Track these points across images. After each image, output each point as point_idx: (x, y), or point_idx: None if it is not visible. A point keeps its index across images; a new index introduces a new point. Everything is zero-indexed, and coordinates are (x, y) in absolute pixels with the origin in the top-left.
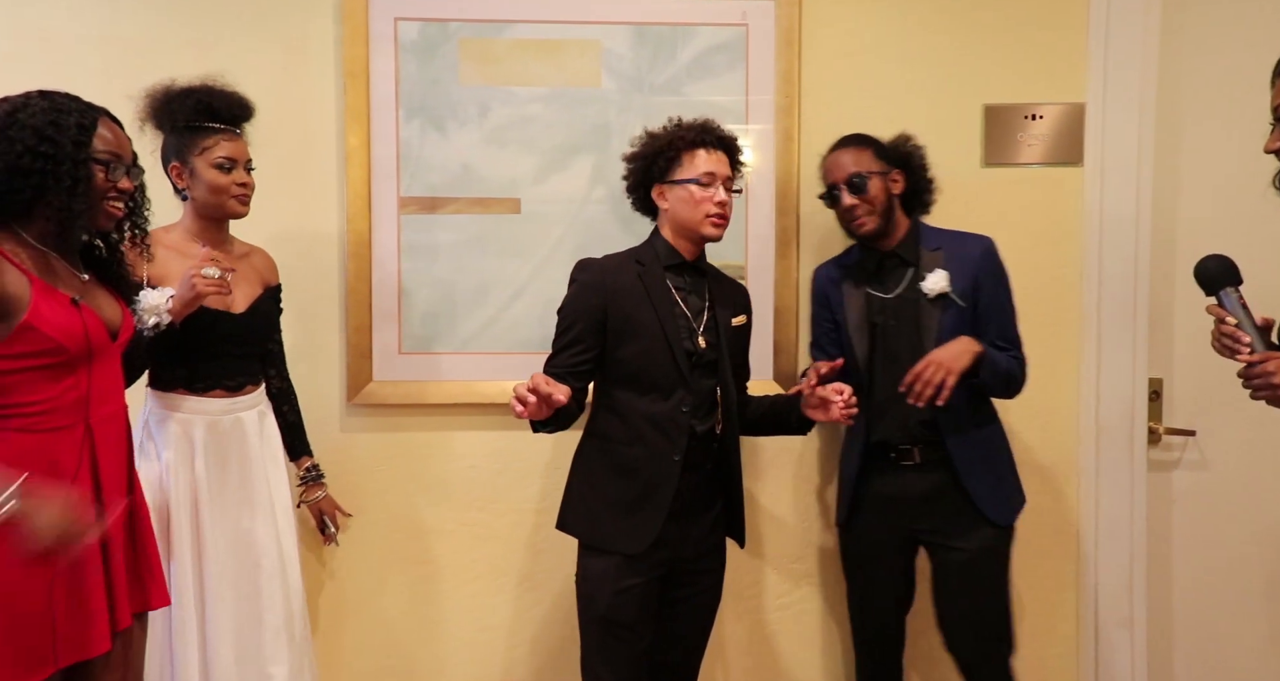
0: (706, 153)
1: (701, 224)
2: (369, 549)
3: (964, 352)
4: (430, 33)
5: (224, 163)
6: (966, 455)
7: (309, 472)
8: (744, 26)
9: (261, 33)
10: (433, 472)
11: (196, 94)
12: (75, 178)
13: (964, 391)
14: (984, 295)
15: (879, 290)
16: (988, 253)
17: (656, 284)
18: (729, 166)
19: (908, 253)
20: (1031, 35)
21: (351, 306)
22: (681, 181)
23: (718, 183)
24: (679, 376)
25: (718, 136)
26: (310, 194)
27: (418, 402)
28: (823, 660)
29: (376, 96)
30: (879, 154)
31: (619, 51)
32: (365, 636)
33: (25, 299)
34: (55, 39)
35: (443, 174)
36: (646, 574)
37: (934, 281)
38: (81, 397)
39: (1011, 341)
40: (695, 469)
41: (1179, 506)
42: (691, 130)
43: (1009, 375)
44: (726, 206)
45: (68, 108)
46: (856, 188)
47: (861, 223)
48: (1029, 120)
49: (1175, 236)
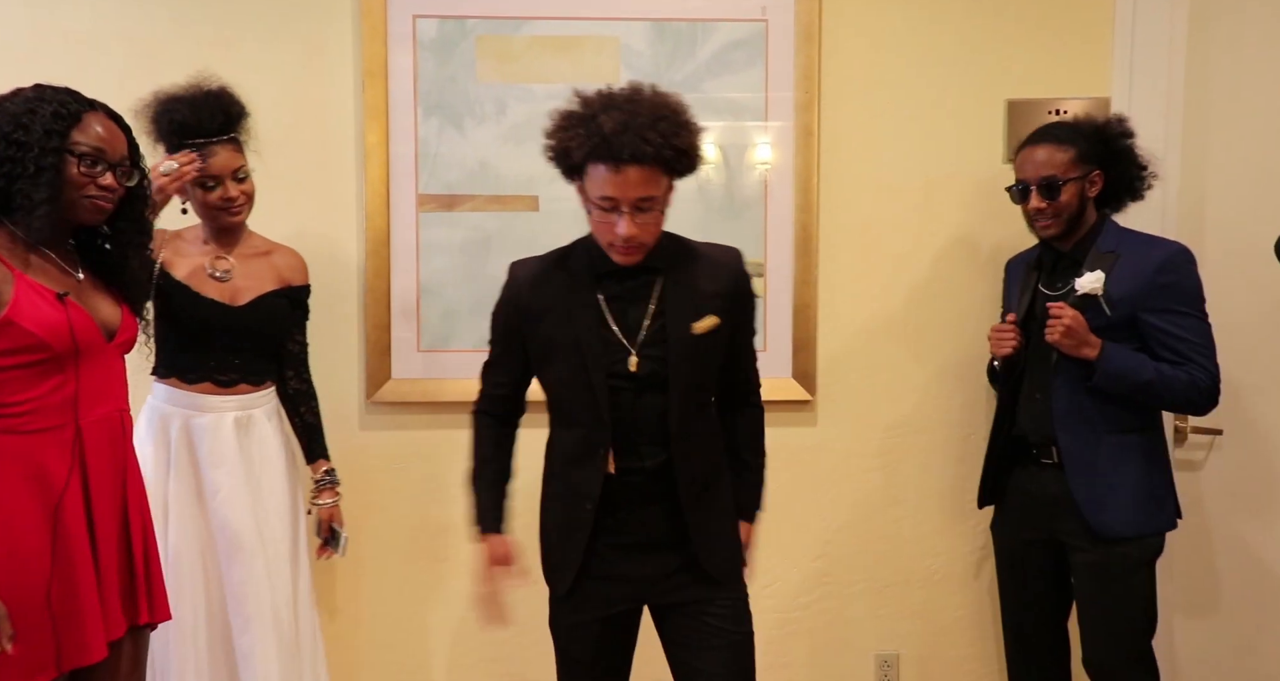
0: (609, 170)
1: (609, 250)
2: (388, 546)
3: (1087, 345)
4: (448, 30)
5: (207, 181)
6: (1080, 460)
7: (324, 477)
8: (763, 22)
9: (280, 31)
10: (451, 470)
11: (174, 112)
12: (40, 165)
13: (1082, 394)
14: (1148, 306)
15: (1047, 287)
16: (1169, 262)
17: (581, 298)
18: (646, 184)
19: (1079, 253)
20: (1055, 28)
21: (370, 304)
22: (587, 196)
23: (623, 208)
24: (594, 412)
25: (630, 151)
26: (329, 192)
27: (436, 400)
28: (841, 658)
29: (395, 94)
30: (1081, 155)
31: (637, 48)
32: (383, 634)
33: (6, 294)
34: (75, 38)
35: (461, 171)
36: (596, 611)
37: (1085, 281)
38: (69, 398)
39: (1183, 355)
40: (646, 502)
41: (1207, 506)
42: (595, 135)
43: (1158, 392)
44: (633, 239)
45: (50, 98)
46: (1048, 192)
47: (1045, 226)
48: (1052, 115)
49: (1202, 232)
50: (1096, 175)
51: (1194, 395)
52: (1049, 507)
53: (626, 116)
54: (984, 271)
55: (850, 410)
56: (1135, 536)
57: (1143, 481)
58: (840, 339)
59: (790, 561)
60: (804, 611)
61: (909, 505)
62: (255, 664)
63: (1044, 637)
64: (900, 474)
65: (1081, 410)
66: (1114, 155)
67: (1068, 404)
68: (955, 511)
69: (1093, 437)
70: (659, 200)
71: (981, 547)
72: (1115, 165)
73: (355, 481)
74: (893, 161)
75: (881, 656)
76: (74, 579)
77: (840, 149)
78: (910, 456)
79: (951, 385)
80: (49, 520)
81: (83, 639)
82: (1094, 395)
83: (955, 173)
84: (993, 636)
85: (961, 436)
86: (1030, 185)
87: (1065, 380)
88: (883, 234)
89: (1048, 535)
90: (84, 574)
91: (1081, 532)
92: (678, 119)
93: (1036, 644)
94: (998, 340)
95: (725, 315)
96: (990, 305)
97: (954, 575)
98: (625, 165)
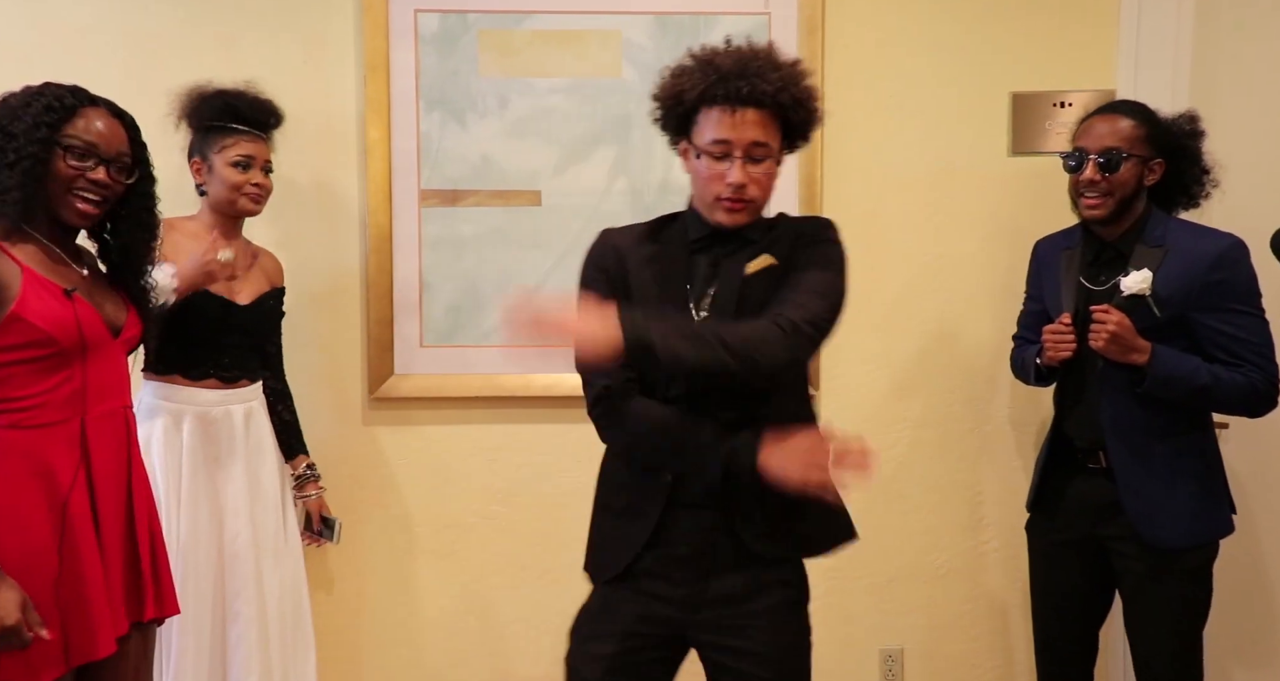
0: (724, 112)
1: (712, 208)
2: (390, 542)
3: (1135, 350)
4: (450, 24)
5: (241, 160)
6: (1129, 467)
7: (305, 472)
8: (766, 14)
9: (282, 26)
10: (454, 466)
11: (225, 96)
12: (20, 155)
13: (1130, 400)
14: (1201, 305)
15: (1091, 282)
16: (1222, 257)
17: (674, 267)
18: (762, 129)
19: (1125, 245)
20: (1060, 20)
21: (373, 300)
22: (696, 147)
23: (735, 153)
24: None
25: (748, 90)
26: (331, 187)
27: (439, 396)
28: (846, 653)
29: (397, 89)
30: (1150, 137)
31: (639, 41)
32: (385, 630)
33: (14, 288)
34: (78, 33)
35: (463, 166)
36: (623, 642)
37: (1132, 281)
38: (75, 393)
39: (1239, 356)
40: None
41: None
42: (713, 74)
43: (1213, 397)
44: (744, 189)
45: (50, 93)
46: (1108, 165)
47: (1092, 204)
48: (1057, 108)
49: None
50: (1158, 164)
51: (1252, 399)
52: (1095, 513)
53: (745, 58)
54: (990, 264)
55: (856, 405)
56: (1190, 547)
57: (1197, 490)
58: (845, 333)
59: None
60: (813, 604)
61: (913, 500)
62: (239, 656)
63: (1072, 645)
64: (906, 469)
65: (1130, 416)
66: (1180, 150)
67: (1115, 410)
68: (960, 506)
69: (1143, 445)
70: (773, 152)
71: (988, 543)
72: (1179, 160)
73: (357, 477)
74: (896, 154)
75: (886, 651)
76: (81, 574)
77: (844, 143)
78: (916, 451)
79: (956, 379)
80: (55, 515)
81: (91, 634)
82: (1143, 401)
83: (960, 165)
84: (998, 632)
85: (967, 431)
86: (1089, 155)
87: (1112, 385)
88: (887, 227)
89: (1086, 535)
90: (91, 569)
91: (1130, 539)
92: (796, 70)
93: (1064, 649)
94: (1054, 343)
95: (785, 261)
96: (996, 298)
97: (959, 570)
98: (742, 107)
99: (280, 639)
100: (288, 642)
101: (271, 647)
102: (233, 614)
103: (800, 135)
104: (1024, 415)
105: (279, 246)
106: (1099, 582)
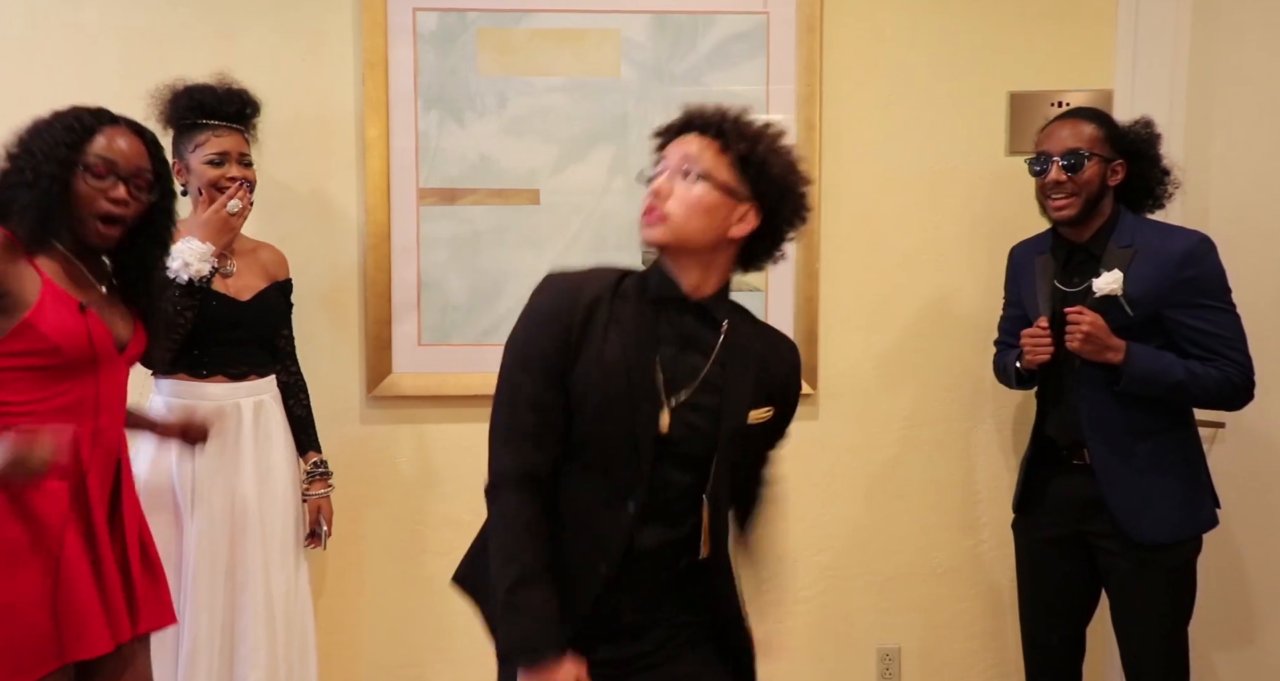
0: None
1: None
2: (387, 540)
3: (1110, 349)
4: (448, 23)
5: (214, 158)
6: (1111, 465)
7: (315, 468)
8: (765, 14)
9: (280, 24)
10: (452, 465)
11: (193, 92)
12: (39, 173)
13: (1109, 398)
14: (1172, 302)
15: (1065, 284)
16: (1190, 254)
17: (641, 324)
18: (700, 151)
19: (1096, 247)
20: (1058, 20)
21: (371, 298)
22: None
23: (669, 163)
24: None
25: (691, 118)
26: (329, 186)
27: (437, 394)
28: (843, 652)
29: (395, 87)
30: (1110, 137)
31: (638, 40)
32: (382, 629)
33: (32, 298)
34: (76, 31)
35: (461, 165)
36: None
37: (1103, 282)
38: (72, 405)
39: (1213, 351)
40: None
41: None
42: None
43: (1190, 392)
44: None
45: (73, 114)
46: (1072, 166)
47: (1060, 206)
48: (1055, 108)
49: (1206, 224)
50: (1120, 164)
51: (1228, 392)
52: (1080, 510)
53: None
54: (987, 264)
55: (853, 404)
56: (1174, 542)
57: (1179, 486)
58: (842, 332)
59: (792, 555)
60: (806, 605)
61: (911, 499)
62: (246, 650)
63: (1060, 642)
64: (903, 467)
65: (1110, 414)
66: (1139, 153)
67: (1095, 409)
68: (957, 505)
69: (1124, 443)
70: (709, 176)
71: (984, 542)
72: (1140, 162)
73: (355, 475)
74: (895, 154)
75: (883, 650)
76: (73, 578)
77: (842, 142)
78: (913, 450)
79: (954, 378)
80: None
81: (84, 632)
82: (1122, 399)
83: (958, 165)
84: (994, 631)
85: (965, 430)
86: (1053, 157)
87: (1091, 385)
88: (885, 227)
89: (1072, 532)
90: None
91: (1115, 536)
92: (774, 137)
93: (1052, 647)
94: (1032, 347)
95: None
96: (994, 298)
97: (956, 569)
98: (687, 132)
99: (286, 637)
100: (295, 642)
101: (275, 646)
102: (239, 609)
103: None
104: (1019, 414)
105: (277, 245)
106: (1085, 580)
